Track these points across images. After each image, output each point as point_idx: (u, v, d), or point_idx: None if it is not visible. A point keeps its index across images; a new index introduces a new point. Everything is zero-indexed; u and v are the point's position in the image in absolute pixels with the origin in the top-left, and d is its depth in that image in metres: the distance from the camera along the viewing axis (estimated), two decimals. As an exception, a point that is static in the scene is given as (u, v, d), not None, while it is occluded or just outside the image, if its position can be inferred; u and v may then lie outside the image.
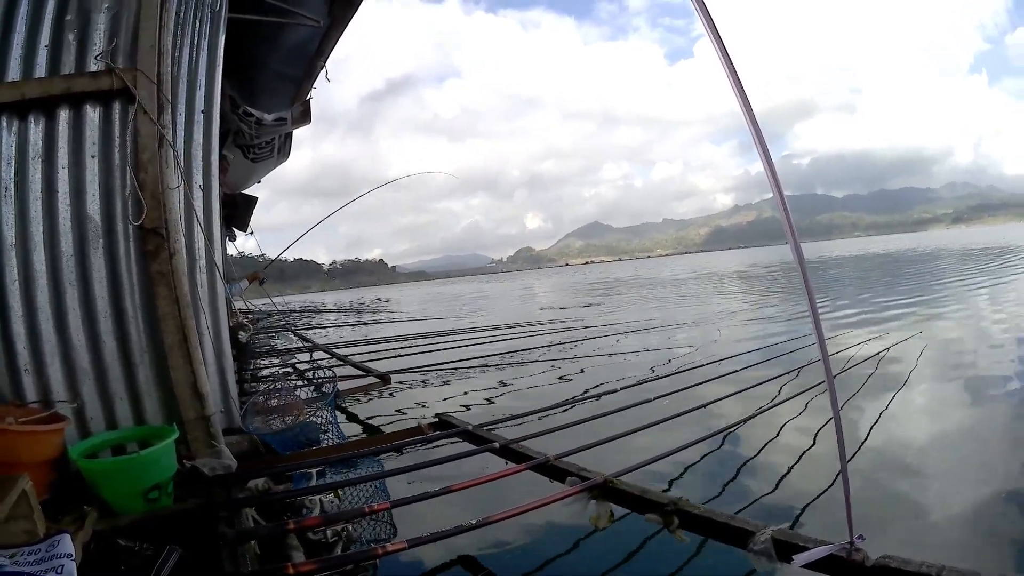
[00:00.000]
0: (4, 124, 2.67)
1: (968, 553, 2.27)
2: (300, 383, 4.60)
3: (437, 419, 3.81)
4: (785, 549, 1.78)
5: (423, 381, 6.70)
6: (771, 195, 1.69)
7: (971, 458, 3.20)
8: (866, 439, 3.54)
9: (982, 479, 2.89)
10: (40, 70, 2.74)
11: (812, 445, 3.53)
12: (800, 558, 1.69)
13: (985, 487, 2.78)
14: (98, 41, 2.82)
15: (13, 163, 2.67)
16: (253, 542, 2.18)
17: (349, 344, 9.69)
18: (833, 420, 1.75)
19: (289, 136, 7.35)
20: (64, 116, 2.75)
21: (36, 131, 2.72)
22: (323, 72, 5.73)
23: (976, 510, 2.58)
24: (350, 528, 2.46)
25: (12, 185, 2.66)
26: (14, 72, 2.71)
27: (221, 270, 3.21)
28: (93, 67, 2.79)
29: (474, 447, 3.21)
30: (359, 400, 5.67)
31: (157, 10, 2.83)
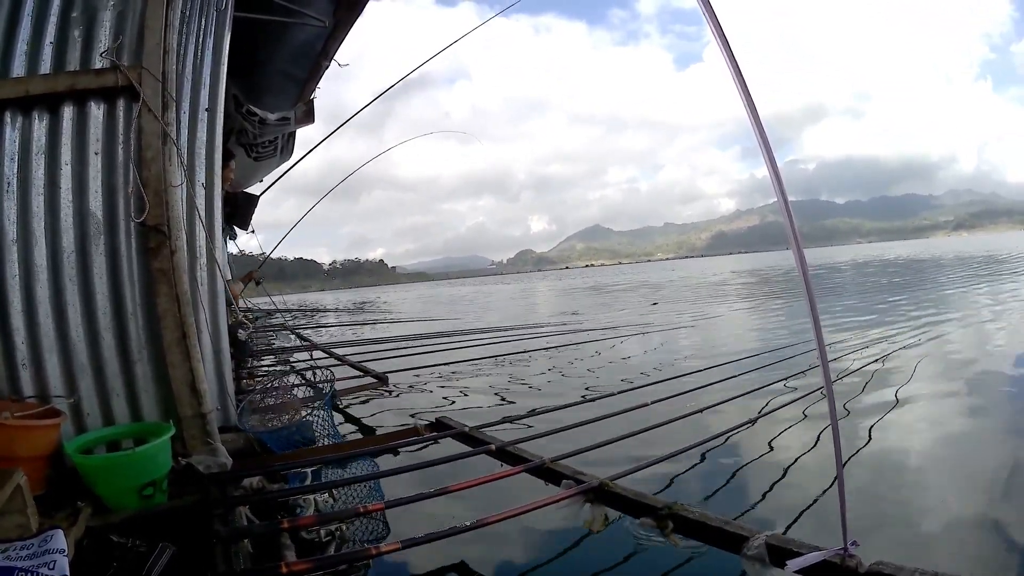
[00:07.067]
0: (8, 120, 2.68)
1: (961, 560, 2.27)
2: (297, 382, 4.59)
3: (434, 420, 3.81)
4: (779, 554, 1.78)
5: (421, 382, 6.69)
6: (774, 200, 1.70)
7: (966, 465, 3.20)
8: (862, 446, 3.53)
9: (977, 487, 2.88)
10: (45, 66, 2.75)
11: (807, 451, 3.53)
12: (794, 563, 1.70)
13: (980, 495, 2.78)
14: (103, 39, 2.83)
15: (16, 159, 2.68)
16: (247, 540, 2.18)
17: (347, 344, 9.67)
18: (831, 426, 1.76)
19: (292, 135, 7.37)
20: (68, 113, 2.76)
21: (40, 127, 2.72)
22: (330, 69, 5.74)
23: (970, 517, 2.58)
24: (344, 528, 2.46)
25: (15, 180, 2.66)
26: (19, 68, 2.72)
27: (222, 269, 3.22)
28: (98, 64, 2.80)
29: (470, 449, 3.20)
30: (356, 400, 5.66)
31: (163, 8, 2.84)
